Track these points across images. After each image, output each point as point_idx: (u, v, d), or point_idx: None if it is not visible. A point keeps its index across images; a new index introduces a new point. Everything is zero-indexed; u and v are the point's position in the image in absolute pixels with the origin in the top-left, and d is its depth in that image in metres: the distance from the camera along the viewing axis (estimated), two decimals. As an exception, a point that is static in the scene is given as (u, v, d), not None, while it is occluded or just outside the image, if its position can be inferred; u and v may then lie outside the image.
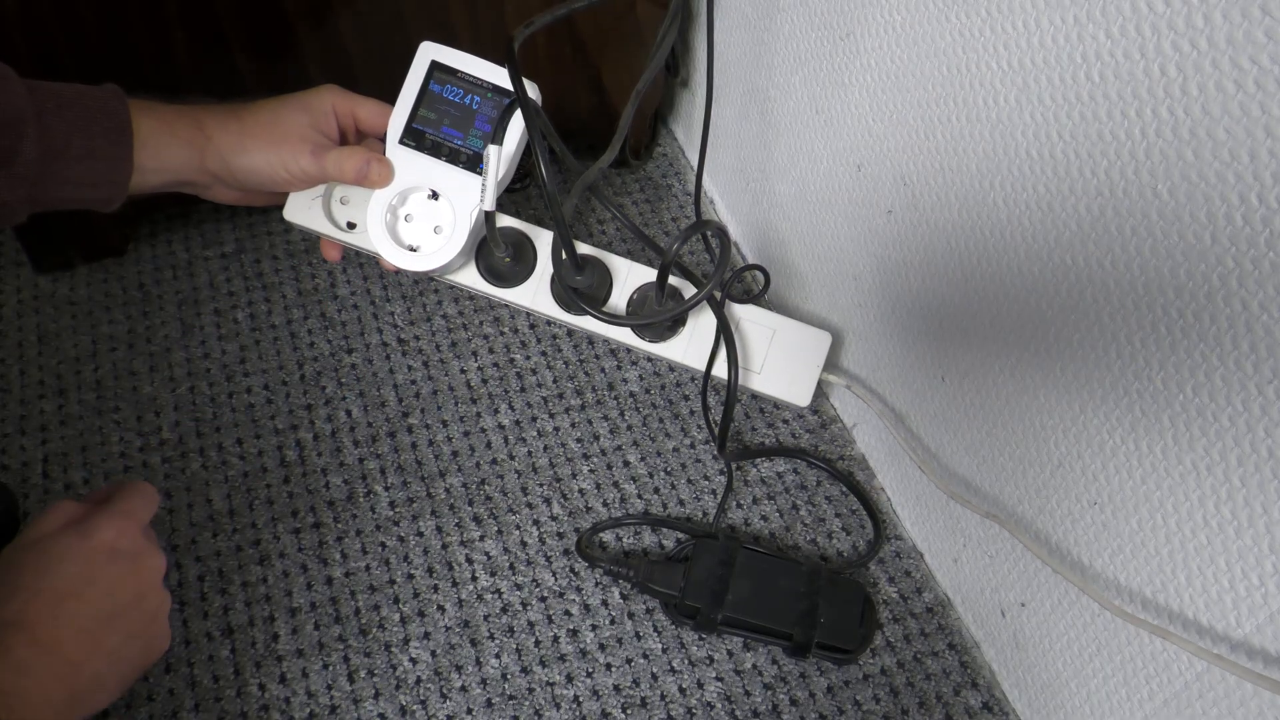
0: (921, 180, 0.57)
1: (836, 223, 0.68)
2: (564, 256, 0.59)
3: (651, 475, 0.72)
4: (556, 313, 0.66)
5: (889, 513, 0.71)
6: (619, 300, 0.66)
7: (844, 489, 0.72)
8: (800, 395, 0.66)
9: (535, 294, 0.65)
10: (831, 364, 0.72)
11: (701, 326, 0.67)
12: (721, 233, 0.58)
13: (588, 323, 0.66)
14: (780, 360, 0.67)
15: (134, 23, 0.69)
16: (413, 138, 0.58)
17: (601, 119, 0.86)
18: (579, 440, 0.74)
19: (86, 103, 0.51)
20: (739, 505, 0.71)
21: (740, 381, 0.66)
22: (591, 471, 0.72)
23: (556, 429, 0.74)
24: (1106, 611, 0.52)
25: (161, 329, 0.78)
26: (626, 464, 0.72)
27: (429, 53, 0.58)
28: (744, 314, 0.67)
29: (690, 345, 0.67)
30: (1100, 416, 0.48)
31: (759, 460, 0.73)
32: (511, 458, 0.72)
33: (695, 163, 0.92)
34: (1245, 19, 0.34)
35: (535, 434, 0.74)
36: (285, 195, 0.61)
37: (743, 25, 0.74)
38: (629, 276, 0.66)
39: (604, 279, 0.66)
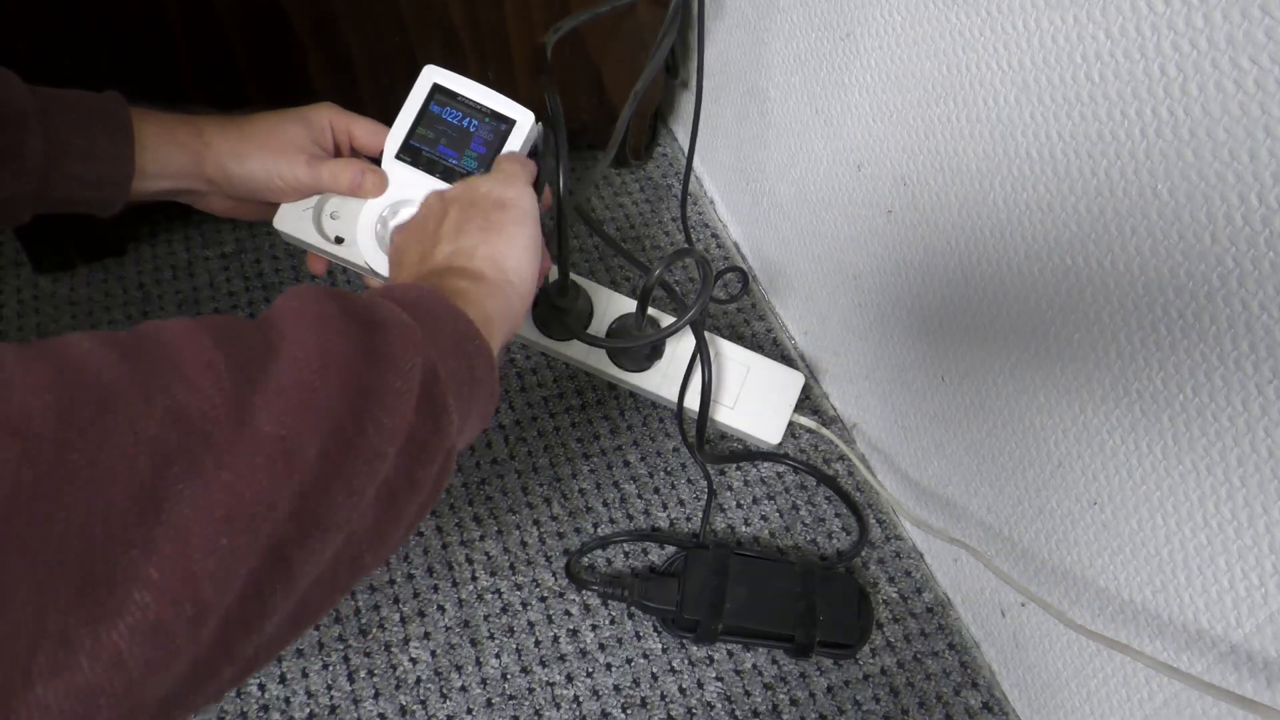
0: (921, 180, 0.57)
1: (836, 223, 0.68)
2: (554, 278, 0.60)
3: (651, 475, 0.72)
4: (536, 337, 0.66)
5: (889, 513, 0.71)
6: (598, 330, 0.67)
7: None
8: (771, 433, 0.67)
9: None
10: (807, 403, 0.73)
11: (678, 358, 0.67)
12: (704, 262, 0.59)
13: (570, 349, 0.67)
14: (753, 397, 0.68)
15: (137, 31, 0.69)
16: (409, 153, 0.59)
17: (602, 119, 0.87)
18: (579, 440, 0.74)
19: (88, 104, 0.51)
20: (739, 505, 0.71)
21: (713, 415, 0.67)
22: (591, 471, 0.72)
23: (556, 429, 0.74)
24: (1106, 612, 0.52)
25: (161, 329, 0.78)
26: (626, 464, 0.72)
27: (432, 75, 0.60)
28: (720, 349, 0.68)
29: (666, 378, 0.67)
30: (1100, 416, 0.48)
31: (759, 461, 0.73)
32: (511, 458, 0.72)
33: (695, 163, 0.93)
34: (1245, 19, 0.34)
35: (535, 434, 0.74)
36: (277, 208, 0.61)
37: (743, 25, 0.74)
38: (609, 306, 0.67)
39: (585, 306, 0.67)
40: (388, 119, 0.83)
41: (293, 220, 0.61)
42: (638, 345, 0.64)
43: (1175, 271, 0.41)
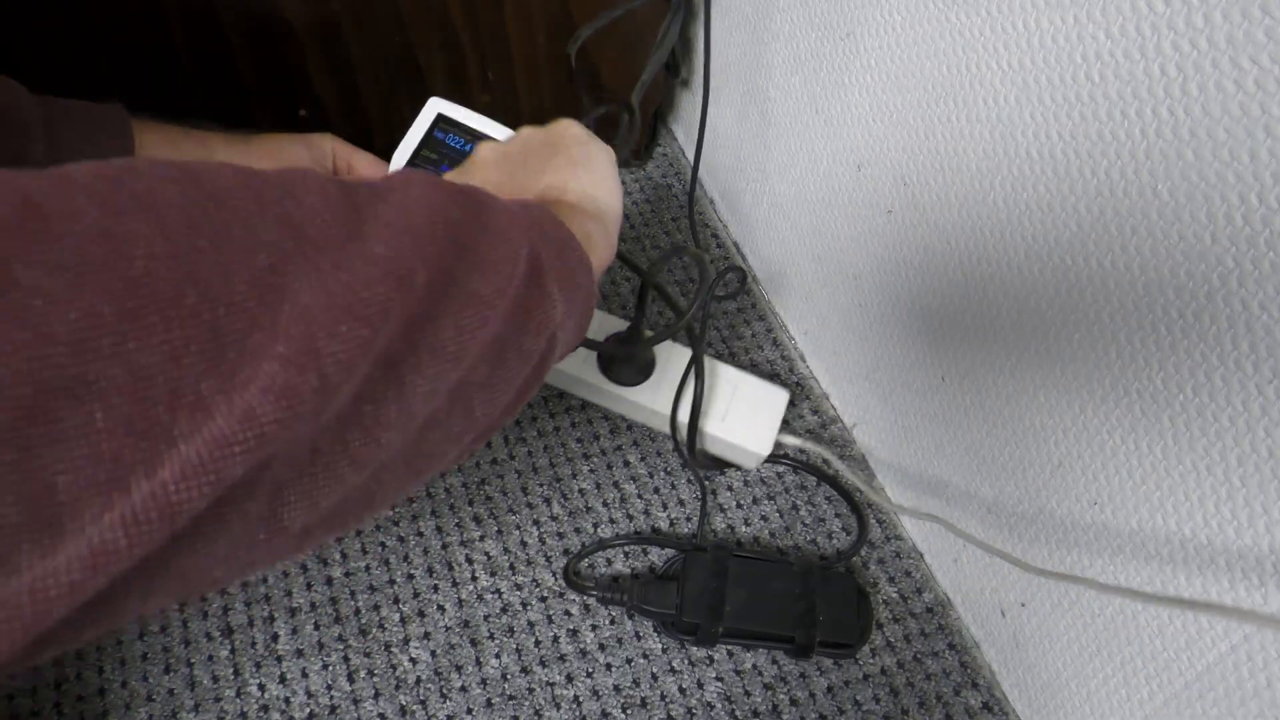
0: (921, 180, 0.57)
1: (836, 223, 0.68)
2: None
3: (651, 475, 0.72)
4: None
5: (889, 513, 0.71)
6: (583, 350, 0.69)
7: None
8: (760, 445, 0.68)
9: None
10: (807, 403, 0.74)
11: (670, 373, 0.68)
12: (700, 260, 0.59)
13: (562, 363, 0.67)
14: (741, 413, 0.69)
15: (137, 30, 0.69)
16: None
17: (601, 119, 0.86)
18: (579, 440, 0.74)
19: (92, 115, 0.52)
20: (738, 505, 0.71)
21: (704, 429, 0.68)
22: (591, 471, 0.72)
23: (556, 429, 0.74)
24: (1106, 612, 0.52)
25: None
26: (626, 464, 0.72)
27: (436, 106, 0.62)
28: (711, 368, 0.70)
29: (658, 392, 0.68)
30: (1100, 416, 0.48)
31: (759, 460, 0.73)
32: (511, 458, 0.72)
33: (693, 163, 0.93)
34: (1245, 19, 0.34)
35: (535, 434, 0.74)
36: None
37: (742, 25, 0.74)
38: (601, 326, 0.69)
39: None
40: (388, 119, 0.83)
41: None
42: (642, 345, 0.64)
43: (1175, 271, 0.41)
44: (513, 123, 0.86)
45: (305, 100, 0.78)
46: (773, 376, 0.77)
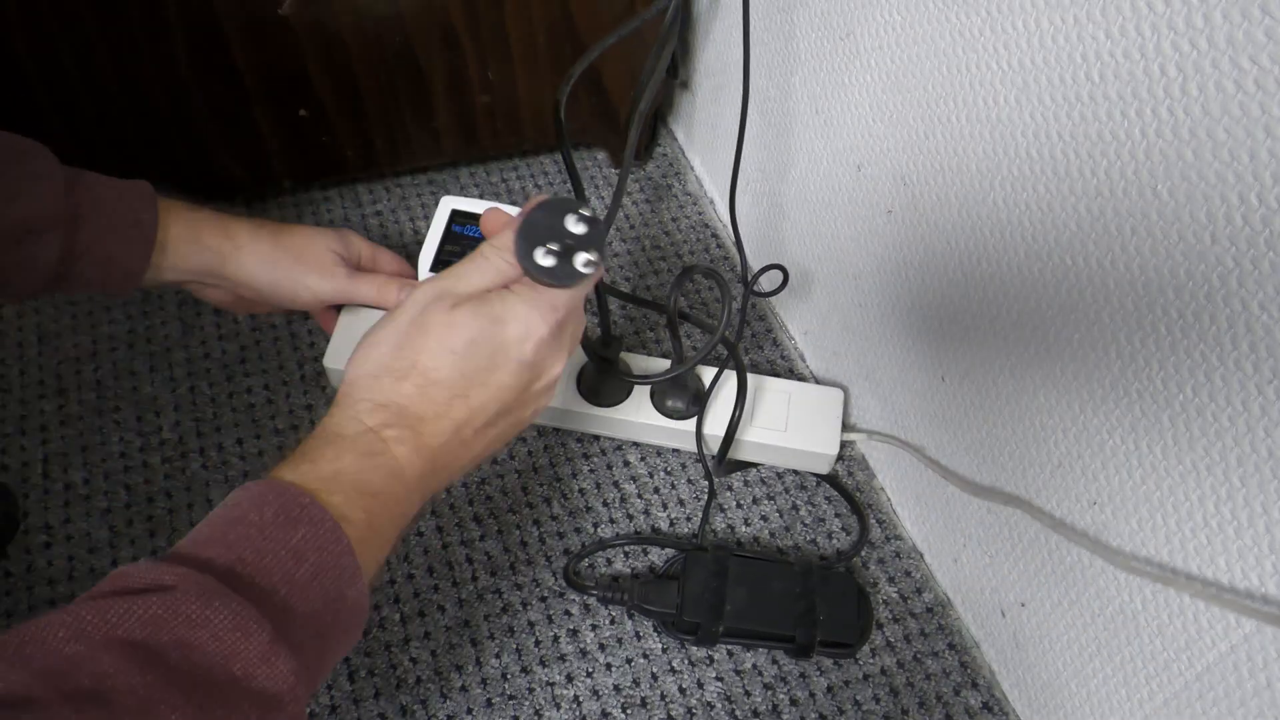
0: (921, 180, 0.57)
1: (836, 223, 0.68)
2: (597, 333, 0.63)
3: (651, 475, 0.72)
4: (588, 409, 0.68)
5: (889, 513, 0.71)
6: (639, 394, 0.70)
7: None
8: (828, 446, 0.69)
9: (562, 394, 0.69)
10: (848, 420, 0.75)
11: (723, 397, 0.68)
12: (714, 274, 0.59)
13: (620, 411, 0.69)
14: (802, 419, 0.70)
15: (136, 31, 0.69)
16: (440, 269, 0.63)
17: (602, 119, 0.87)
18: (579, 440, 0.74)
19: (120, 213, 0.53)
20: (739, 505, 0.71)
21: (769, 443, 0.68)
22: (591, 471, 0.72)
23: (557, 429, 0.74)
24: (1106, 612, 0.52)
25: (161, 329, 0.78)
26: (626, 464, 0.72)
27: (449, 204, 0.66)
28: (759, 384, 0.70)
29: (715, 418, 0.69)
30: (1100, 416, 0.48)
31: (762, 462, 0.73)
32: (511, 457, 0.72)
33: (695, 163, 0.93)
34: (1245, 19, 0.34)
35: (535, 433, 0.74)
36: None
37: (742, 25, 0.74)
38: (646, 367, 0.71)
39: (626, 367, 0.70)
40: (388, 119, 0.83)
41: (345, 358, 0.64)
42: (689, 366, 0.64)
43: (1175, 271, 0.41)
44: (513, 125, 0.86)
45: (305, 100, 0.78)
46: (772, 376, 0.77)
